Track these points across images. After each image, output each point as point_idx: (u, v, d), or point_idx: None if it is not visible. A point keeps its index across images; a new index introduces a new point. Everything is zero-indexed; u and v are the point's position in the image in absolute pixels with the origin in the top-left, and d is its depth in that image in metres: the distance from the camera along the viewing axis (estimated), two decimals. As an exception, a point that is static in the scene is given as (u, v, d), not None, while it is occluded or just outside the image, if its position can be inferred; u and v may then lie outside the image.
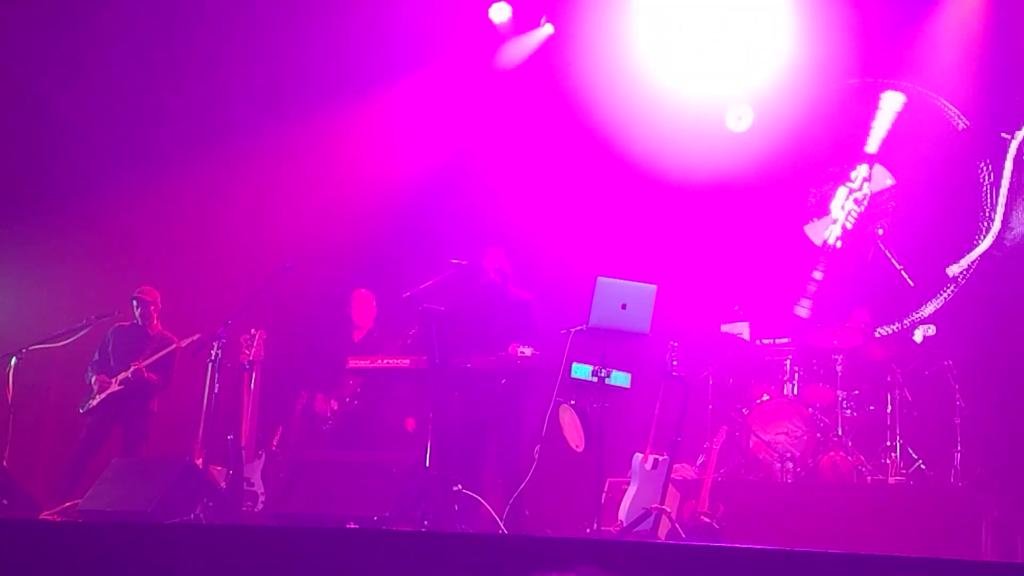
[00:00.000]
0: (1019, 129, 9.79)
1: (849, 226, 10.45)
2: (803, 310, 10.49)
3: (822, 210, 10.54)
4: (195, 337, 8.77)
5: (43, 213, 9.97)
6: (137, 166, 10.29)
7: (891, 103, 10.32)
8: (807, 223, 10.62)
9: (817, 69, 10.54)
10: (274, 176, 10.90)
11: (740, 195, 10.62)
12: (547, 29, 10.92)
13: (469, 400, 7.82)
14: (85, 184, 10.10)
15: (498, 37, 10.97)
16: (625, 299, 6.95)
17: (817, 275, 10.52)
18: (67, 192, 10.07)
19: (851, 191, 10.39)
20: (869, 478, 8.48)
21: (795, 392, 9.12)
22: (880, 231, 9.96)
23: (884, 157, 10.29)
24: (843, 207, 10.43)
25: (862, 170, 10.36)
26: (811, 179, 10.60)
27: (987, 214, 9.90)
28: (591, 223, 10.39)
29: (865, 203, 10.34)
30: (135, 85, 10.29)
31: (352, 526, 6.55)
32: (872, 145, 10.33)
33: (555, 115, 10.73)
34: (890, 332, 9.64)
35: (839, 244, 10.48)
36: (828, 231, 10.53)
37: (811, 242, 10.58)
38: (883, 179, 10.25)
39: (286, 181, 10.94)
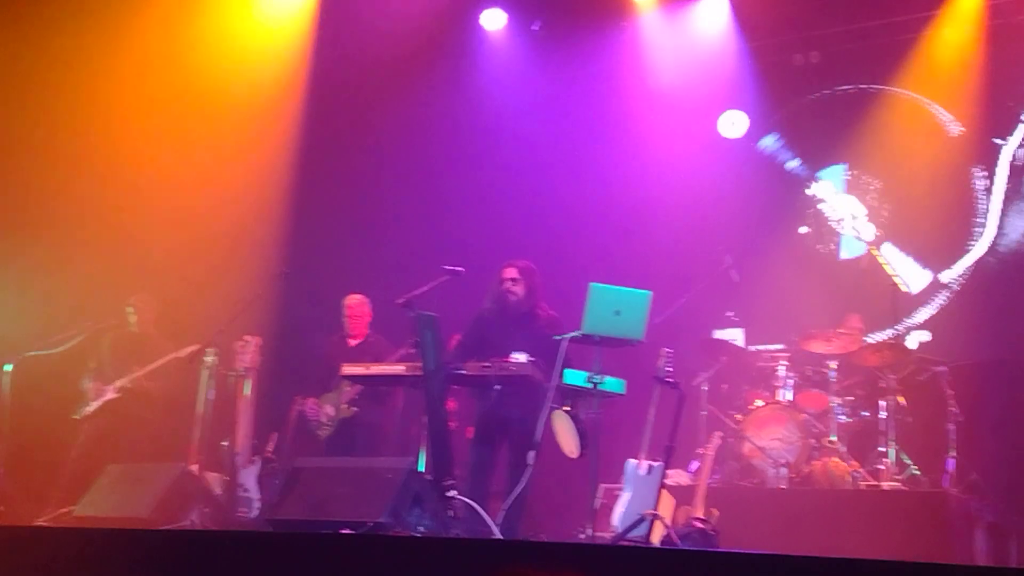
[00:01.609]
0: (1012, 135, 9.83)
1: (826, 212, 10.56)
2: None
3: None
4: (194, 348, 8.76)
5: (39, 220, 9.97)
6: (133, 172, 10.29)
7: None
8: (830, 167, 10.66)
9: (812, 76, 10.58)
10: (270, 180, 10.92)
11: (737, 200, 10.66)
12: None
13: (464, 406, 7.80)
14: (80, 191, 10.10)
15: (489, 43, 11.03)
16: (619, 305, 6.90)
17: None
18: (62, 199, 10.06)
19: (861, 217, 10.39)
20: (863, 484, 8.48)
21: (789, 398, 9.12)
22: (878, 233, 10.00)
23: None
24: (849, 213, 10.46)
25: (891, 253, 10.30)
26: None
27: (981, 220, 9.93)
28: (585, 229, 10.41)
29: (852, 230, 10.40)
30: (133, 88, 10.30)
31: (347, 532, 6.55)
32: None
33: (551, 119, 10.76)
34: (884, 338, 9.65)
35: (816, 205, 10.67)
36: (824, 195, 10.65)
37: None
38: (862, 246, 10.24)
39: (283, 185, 10.95)
